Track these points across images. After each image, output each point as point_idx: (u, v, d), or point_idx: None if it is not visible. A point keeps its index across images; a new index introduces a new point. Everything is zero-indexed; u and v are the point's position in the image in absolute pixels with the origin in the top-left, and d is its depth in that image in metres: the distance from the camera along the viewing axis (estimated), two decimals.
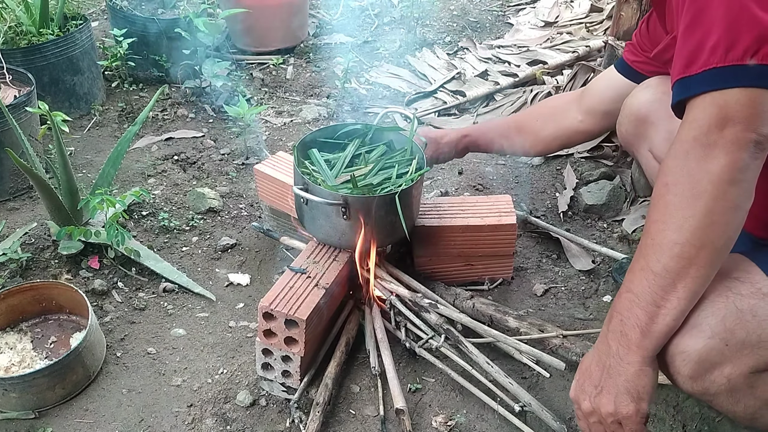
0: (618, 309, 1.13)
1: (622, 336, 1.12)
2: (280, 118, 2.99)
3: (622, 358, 1.11)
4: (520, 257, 2.17)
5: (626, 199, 2.38)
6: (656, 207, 1.08)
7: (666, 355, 1.14)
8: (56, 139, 1.95)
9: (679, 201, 1.04)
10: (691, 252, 1.04)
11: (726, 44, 1.01)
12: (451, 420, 1.64)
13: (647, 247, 1.09)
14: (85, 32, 2.85)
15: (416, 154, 1.89)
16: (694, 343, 1.10)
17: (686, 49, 1.06)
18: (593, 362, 1.18)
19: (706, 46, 1.03)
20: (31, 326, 1.88)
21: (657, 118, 1.68)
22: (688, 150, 1.04)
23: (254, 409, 1.67)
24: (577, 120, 1.93)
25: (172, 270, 2.08)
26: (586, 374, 1.19)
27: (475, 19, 3.94)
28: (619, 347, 1.12)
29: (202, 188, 2.42)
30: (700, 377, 1.12)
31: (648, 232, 1.09)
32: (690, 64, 1.05)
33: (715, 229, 1.03)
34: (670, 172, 1.06)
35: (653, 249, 1.07)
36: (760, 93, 1.00)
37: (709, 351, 1.10)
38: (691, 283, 1.06)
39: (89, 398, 1.71)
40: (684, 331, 1.11)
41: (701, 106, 1.04)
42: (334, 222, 1.75)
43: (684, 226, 1.03)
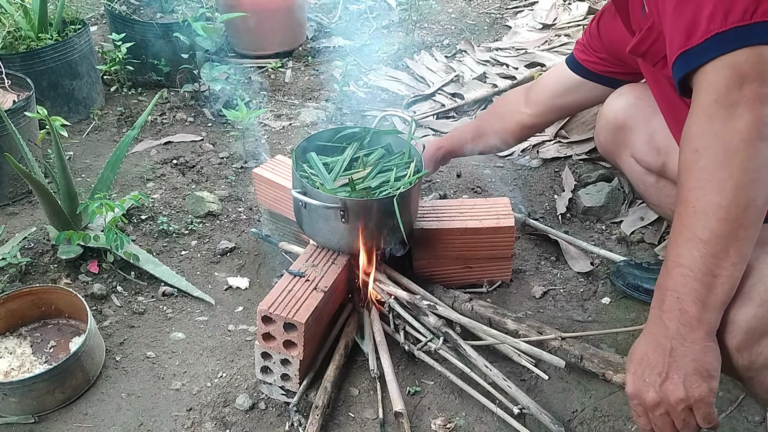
0: (671, 287, 1.07)
1: (681, 314, 1.05)
2: (279, 121, 2.99)
3: (685, 337, 1.05)
4: (519, 259, 2.17)
5: (624, 201, 2.38)
6: (690, 174, 1.05)
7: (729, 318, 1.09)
8: (55, 144, 1.96)
9: (714, 164, 1.02)
10: (737, 212, 1.01)
11: (723, 9, 1.02)
12: (450, 423, 1.64)
13: (689, 216, 1.04)
14: (83, 37, 2.85)
15: (414, 157, 1.89)
16: (743, 313, 1.06)
17: (682, 24, 1.07)
18: (650, 349, 1.09)
19: (703, 15, 1.04)
20: (30, 331, 1.89)
21: (634, 123, 1.70)
22: (712, 113, 1.03)
23: (253, 413, 1.68)
24: (526, 114, 1.99)
25: (171, 274, 2.08)
26: (643, 364, 1.10)
27: (473, 22, 3.95)
28: (680, 326, 1.05)
29: (201, 192, 2.42)
30: (746, 349, 1.08)
31: (686, 200, 1.05)
32: (690, 36, 1.06)
33: (756, 186, 1.01)
34: (697, 138, 1.05)
35: (696, 217, 1.03)
36: (767, 49, 1.01)
37: (759, 319, 1.06)
38: (741, 245, 1.02)
39: (89, 402, 1.71)
40: (731, 301, 1.06)
41: (713, 70, 1.04)
42: (332, 225, 1.75)
43: (725, 187, 1.01)
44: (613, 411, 1.65)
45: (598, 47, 1.79)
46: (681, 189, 1.07)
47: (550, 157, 2.67)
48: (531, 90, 2.00)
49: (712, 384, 1.04)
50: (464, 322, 1.71)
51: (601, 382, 1.70)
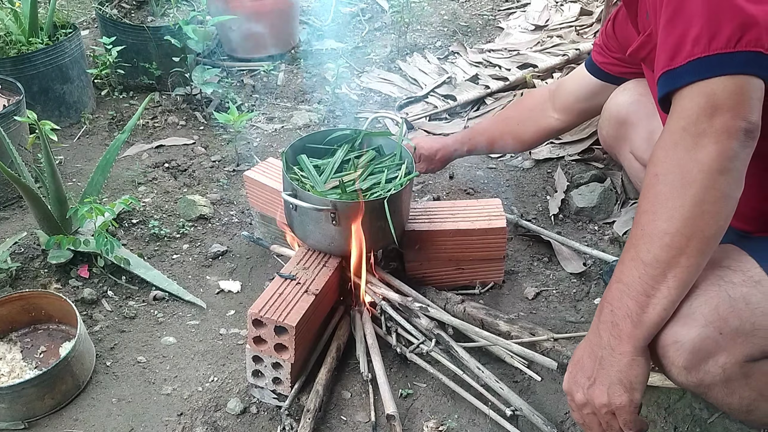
0: (608, 299, 1.13)
1: (613, 326, 1.11)
2: (271, 124, 2.99)
3: (614, 348, 1.11)
4: (511, 261, 2.17)
5: (617, 202, 2.38)
6: (646, 197, 1.08)
7: (659, 346, 1.13)
8: (44, 148, 1.95)
9: (669, 191, 1.04)
10: (681, 241, 1.03)
11: (709, 34, 1.01)
12: (443, 425, 1.63)
13: (637, 238, 1.08)
14: (74, 41, 2.84)
15: (405, 159, 1.89)
16: (687, 332, 1.09)
17: (669, 43, 1.07)
18: (585, 354, 1.17)
19: (689, 37, 1.03)
20: (20, 336, 1.87)
21: (637, 119, 1.70)
22: (677, 140, 1.04)
23: (245, 417, 1.67)
24: (554, 119, 2.02)
25: (162, 278, 2.07)
26: (578, 366, 1.18)
27: (466, 24, 3.95)
28: (611, 338, 1.11)
29: (193, 195, 2.41)
30: (694, 368, 1.11)
31: (638, 222, 1.09)
32: (674, 57, 1.05)
33: (706, 218, 1.02)
34: (660, 162, 1.06)
35: (643, 239, 1.07)
36: (746, 80, 1.00)
37: (704, 340, 1.09)
38: (681, 272, 1.05)
39: (79, 408, 1.70)
40: (677, 321, 1.10)
41: (688, 96, 1.04)
42: (323, 228, 1.74)
43: (674, 216, 1.03)
44: None
45: (614, 47, 1.77)
46: (637, 210, 1.11)
47: (543, 158, 2.67)
48: (557, 95, 2.00)
49: (634, 395, 1.10)
50: (456, 324, 1.71)
51: None
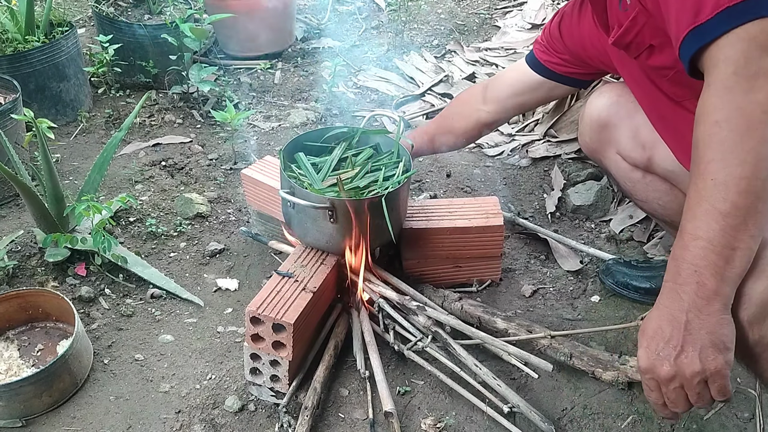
0: (688, 259, 1.05)
1: (699, 286, 1.04)
2: (268, 122, 2.99)
3: (701, 309, 1.04)
4: (509, 258, 2.17)
5: (613, 200, 2.39)
6: (709, 146, 1.03)
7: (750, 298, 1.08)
8: (41, 146, 1.95)
9: (735, 136, 1.00)
10: (758, 185, 1.00)
11: None
12: (440, 422, 1.64)
13: (708, 189, 1.02)
14: (71, 39, 2.84)
15: (403, 157, 1.89)
16: (758, 286, 1.06)
17: (689, 2, 1.05)
18: (663, 322, 1.08)
19: None
20: (17, 334, 1.87)
21: (618, 120, 1.71)
22: (732, 86, 1.01)
23: (243, 415, 1.67)
24: (485, 111, 1.97)
25: (159, 276, 2.07)
26: (657, 337, 1.08)
27: (463, 22, 3.95)
28: (696, 299, 1.04)
29: (190, 194, 2.41)
30: (758, 323, 1.07)
31: (704, 173, 1.03)
32: (699, 12, 1.04)
33: None
34: (717, 110, 1.02)
35: (716, 189, 1.01)
36: None
37: None
38: (759, 218, 1.01)
39: (76, 406, 1.70)
40: (746, 274, 1.05)
41: (728, 44, 1.02)
42: (321, 225, 1.75)
43: (747, 160, 0.99)
44: (603, 409, 1.66)
45: (559, 48, 1.78)
46: (699, 162, 1.05)
47: (540, 156, 2.67)
48: (488, 88, 1.98)
49: (728, 356, 1.04)
50: (453, 323, 1.71)
51: (591, 380, 1.70)
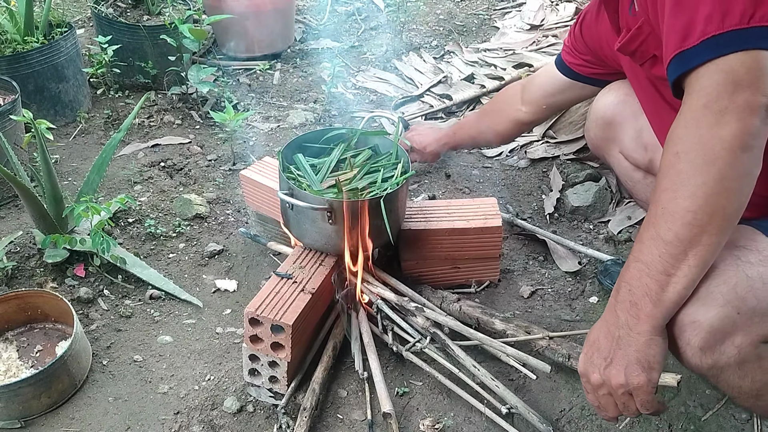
0: (626, 279, 1.12)
1: (631, 306, 1.10)
2: (267, 123, 2.99)
3: (632, 328, 1.10)
4: (507, 259, 2.18)
5: (612, 201, 2.39)
6: (667, 175, 1.06)
7: (675, 326, 1.12)
8: (40, 147, 1.95)
9: (691, 168, 1.02)
10: (703, 219, 1.02)
11: (721, 11, 1.01)
12: (439, 423, 1.64)
13: (657, 216, 1.07)
14: (70, 40, 2.84)
15: (401, 158, 1.89)
16: (705, 312, 1.08)
17: (678, 25, 1.06)
18: (601, 334, 1.16)
19: (700, 16, 1.02)
20: (16, 335, 1.87)
21: (623, 119, 1.73)
22: (699, 118, 1.03)
23: (241, 416, 1.67)
24: (523, 112, 2.10)
25: (158, 277, 2.07)
26: (594, 347, 1.17)
27: (462, 23, 3.96)
28: (629, 317, 1.11)
29: (189, 194, 2.41)
30: (710, 348, 1.10)
31: (658, 200, 1.07)
32: (686, 37, 1.04)
33: (728, 195, 1.02)
34: (680, 141, 1.05)
35: (664, 217, 1.06)
36: (764, 55, 1.00)
37: (722, 319, 1.08)
38: (702, 250, 1.04)
39: (75, 407, 1.70)
40: (695, 301, 1.09)
41: (706, 74, 1.02)
42: (319, 227, 1.75)
43: (697, 193, 1.02)
44: None
45: (582, 49, 1.81)
46: (656, 188, 1.09)
47: (538, 157, 2.67)
48: (526, 89, 2.07)
49: (652, 375, 1.10)
50: (451, 324, 1.71)
51: None
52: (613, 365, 1.13)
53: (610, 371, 1.13)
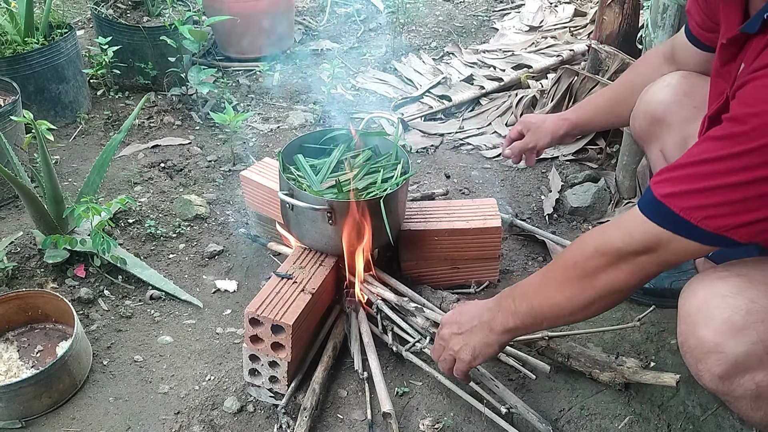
0: (516, 298, 1.33)
1: (504, 315, 1.34)
2: (267, 124, 2.99)
3: (491, 330, 1.37)
4: (506, 260, 2.18)
5: (611, 201, 2.40)
6: (542, 274, 1.29)
7: (697, 348, 1.13)
8: (41, 148, 1.95)
9: (578, 284, 1.21)
10: (564, 315, 1.27)
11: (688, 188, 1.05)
12: (438, 423, 1.64)
13: (539, 293, 1.29)
14: (70, 41, 2.85)
15: (401, 159, 1.90)
16: (735, 345, 1.08)
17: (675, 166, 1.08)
18: (473, 313, 1.42)
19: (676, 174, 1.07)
20: (17, 336, 1.88)
21: (673, 121, 1.64)
22: (608, 252, 1.16)
23: (242, 416, 1.68)
24: None
25: (158, 277, 2.07)
26: (462, 316, 1.44)
27: (461, 25, 3.97)
28: (491, 322, 1.36)
29: (189, 195, 2.42)
30: (729, 378, 1.11)
31: (542, 284, 1.29)
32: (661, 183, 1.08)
33: (590, 310, 1.25)
34: (584, 256, 1.20)
35: (523, 302, 1.31)
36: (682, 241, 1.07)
37: (749, 356, 1.08)
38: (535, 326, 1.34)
39: (76, 407, 1.71)
40: (727, 329, 1.09)
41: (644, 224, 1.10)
42: (319, 227, 1.75)
43: (571, 302, 1.24)
44: (600, 410, 1.66)
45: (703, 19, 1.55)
46: (555, 264, 1.28)
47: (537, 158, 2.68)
48: (674, 56, 1.74)
49: (474, 362, 1.42)
50: None
51: (588, 381, 1.71)
52: (461, 336, 1.42)
53: (456, 338, 1.43)
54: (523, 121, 2.01)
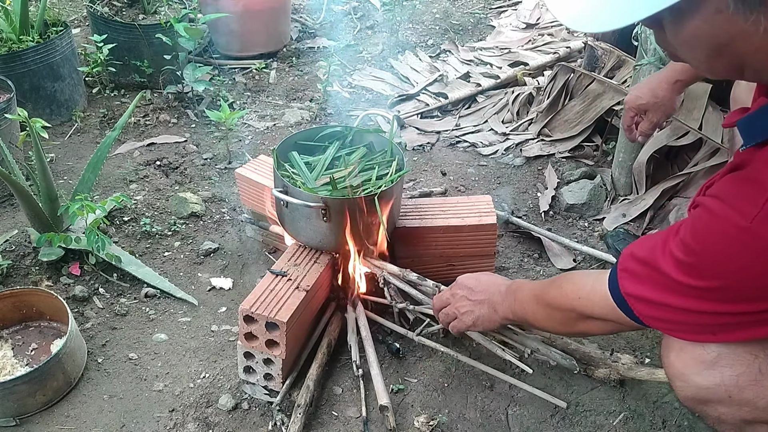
0: (516, 300, 1.43)
1: (506, 311, 1.45)
2: (263, 122, 2.99)
3: (496, 309, 1.47)
4: (502, 257, 2.18)
5: (606, 198, 2.40)
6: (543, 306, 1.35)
7: (668, 371, 1.16)
8: (35, 146, 1.95)
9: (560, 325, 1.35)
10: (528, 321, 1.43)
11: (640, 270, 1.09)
12: (433, 420, 1.64)
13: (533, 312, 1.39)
14: (65, 39, 2.84)
15: (396, 156, 1.90)
16: (701, 380, 1.10)
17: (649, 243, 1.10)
18: (487, 287, 1.52)
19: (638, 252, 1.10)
20: (11, 333, 1.87)
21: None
22: (582, 313, 1.26)
23: (236, 413, 1.67)
24: None
25: (153, 275, 2.07)
26: (479, 284, 1.54)
27: (457, 22, 3.96)
28: (501, 305, 1.46)
29: (185, 193, 2.41)
30: (692, 400, 1.14)
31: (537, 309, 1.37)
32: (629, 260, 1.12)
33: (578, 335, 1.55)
34: (561, 309, 1.31)
35: (533, 318, 1.40)
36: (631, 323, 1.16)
37: (712, 394, 1.10)
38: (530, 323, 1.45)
39: (70, 405, 1.70)
40: (695, 365, 1.11)
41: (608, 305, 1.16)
42: (314, 224, 1.75)
43: (558, 331, 1.49)
44: (595, 406, 1.66)
45: None
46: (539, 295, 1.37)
47: (534, 155, 2.68)
48: None
49: (473, 327, 1.54)
50: None
51: (583, 378, 1.71)
52: (470, 302, 1.53)
53: (464, 300, 1.54)
54: (633, 105, 1.88)
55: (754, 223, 0.89)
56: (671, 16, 0.83)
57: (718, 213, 0.95)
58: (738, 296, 0.97)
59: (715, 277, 0.97)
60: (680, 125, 2.31)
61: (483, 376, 1.73)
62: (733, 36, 0.82)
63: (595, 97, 2.63)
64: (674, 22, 0.85)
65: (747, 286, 0.95)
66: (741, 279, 0.95)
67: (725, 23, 0.81)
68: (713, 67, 0.91)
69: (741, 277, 0.95)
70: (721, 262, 0.95)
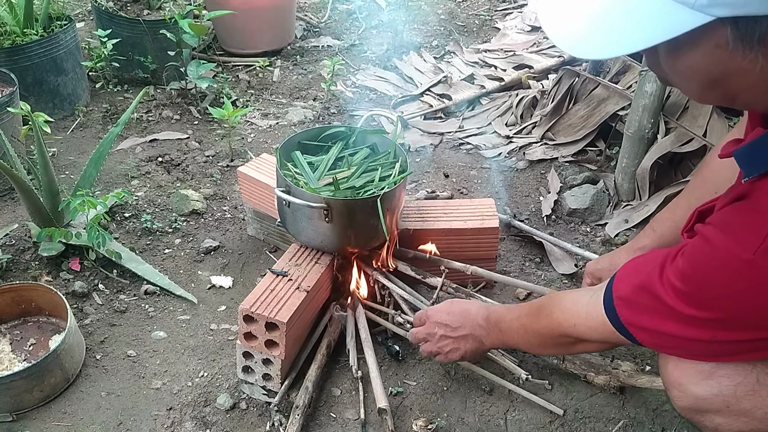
0: (501, 331, 1.45)
1: (493, 342, 1.49)
2: (266, 120, 2.98)
3: (482, 341, 1.49)
4: (504, 261, 2.17)
5: (609, 203, 2.39)
6: (534, 334, 1.37)
7: (666, 380, 1.17)
8: (37, 140, 1.94)
9: (554, 349, 1.40)
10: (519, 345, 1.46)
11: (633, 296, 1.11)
12: (432, 423, 1.63)
13: (524, 341, 1.42)
14: (69, 33, 2.83)
15: (399, 157, 1.89)
16: (699, 390, 1.11)
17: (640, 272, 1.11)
18: (465, 321, 1.51)
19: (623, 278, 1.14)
20: (10, 328, 1.87)
21: None
22: (578, 338, 1.27)
23: (234, 413, 1.67)
24: None
25: (153, 272, 2.06)
26: (453, 317, 1.53)
27: (463, 24, 3.95)
28: (488, 335, 1.48)
29: (186, 190, 2.41)
30: (690, 410, 1.15)
31: (528, 339, 1.39)
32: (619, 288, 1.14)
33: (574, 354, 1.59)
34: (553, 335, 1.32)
35: (525, 346, 1.45)
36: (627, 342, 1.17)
37: (708, 404, 1.11)
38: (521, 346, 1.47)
39: (68, 401, 1.70)
40: (693, 374, 1.12)
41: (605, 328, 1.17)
42: (316, 225, 1.74)
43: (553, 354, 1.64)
44: (594, 413, 1.66)
45: None
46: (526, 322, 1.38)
47: (537, 159, 2.67)
48: None
49: (461, 359, 1.57)
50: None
51: (583, 384, 1.70)
52: (452, 340, 1.53)
53: (446, 339, 1.54)
54: (590, 270, 1.73)
55: (756, 255, 0.89)
56: (668, 47, 0.82)
57: (719, 244, 0.95)
58: (739, 326, 0.99)
59: (716, 308, 0.98)
60: (685, 132, 2.30)
61: (482, 381, 1.73)
62: (729, 72, 0.82)
63: (600, 102, 2.62)
64: (671, 53, 0.84)
65: (748, 317, 0.96)
66: (743, 310, 0.96)
67: (723, 59, 0.80)
68: (705, 97, 0.91)
69: (743, 309, 0.96)
70: (722, 293, 0.96)
